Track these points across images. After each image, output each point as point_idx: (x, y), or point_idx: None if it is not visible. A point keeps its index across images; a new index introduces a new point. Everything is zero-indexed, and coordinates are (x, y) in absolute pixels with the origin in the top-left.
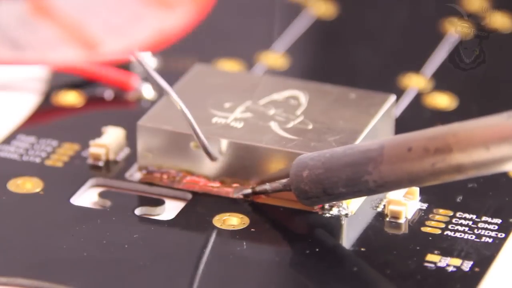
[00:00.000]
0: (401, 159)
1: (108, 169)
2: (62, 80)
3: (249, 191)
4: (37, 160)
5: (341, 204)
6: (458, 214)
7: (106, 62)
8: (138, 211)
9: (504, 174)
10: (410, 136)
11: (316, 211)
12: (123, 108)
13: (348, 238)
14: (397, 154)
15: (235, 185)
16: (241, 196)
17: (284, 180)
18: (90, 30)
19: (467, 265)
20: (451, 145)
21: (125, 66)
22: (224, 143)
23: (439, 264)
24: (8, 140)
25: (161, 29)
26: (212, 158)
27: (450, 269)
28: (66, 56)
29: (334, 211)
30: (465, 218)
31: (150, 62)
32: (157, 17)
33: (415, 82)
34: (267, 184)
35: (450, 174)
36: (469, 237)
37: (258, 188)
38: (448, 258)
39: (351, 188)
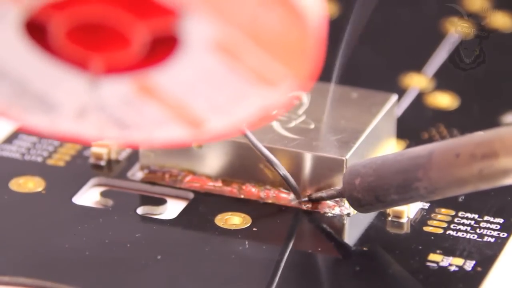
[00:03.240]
0: (449, 166)
1: (110, 168)
2: None
3: (305, 198)
4: (39, 159)
5: (343, 204)
6: (460, 214)
7: (211, 139)
8: (140, 211)
9: None
10: (458, 142)
11: (318, 211)
12: None
13: (350, 238)
14: (446, 161)
15: (234, 185)
16: (297, 205)
17: (338, 187)
18: (195, 109)
19: (469, 265)
20: (497, 150)
21: None
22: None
23: (441, 264)
24: (10, 139)
25: (264, 106)
26: (298, 196)
27: (452, 268)
28: (172, 134)
29: (336, 211)
30: (467, 218)
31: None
32: (260, 94)
33: (417, 81)
34: (323, 191)
35: (498, 179)
36: (471, 237)
37: (315, 195)
38: (450, 258)
39: (403, 195)
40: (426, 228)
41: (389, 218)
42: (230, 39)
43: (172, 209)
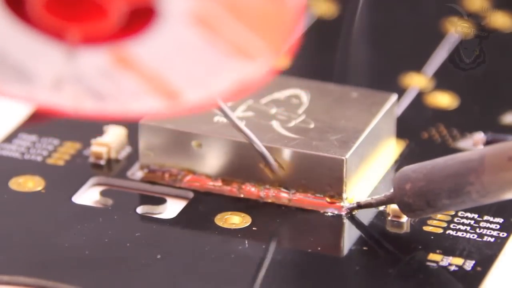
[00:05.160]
0: (502, 169)
1: (109, 167)
2: None
3: (354, 205)
4: (39, 158)
5: (342, 203)
6: (460, 213)
7: (187, 111)
8: (139, 210)
9: None
10: (510, 145)
11: (318, 210)
12: None
13: (350, 237)
14: (498, 164)
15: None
16: (346, 211)
17: (388, 193)
18: (172, 81)
19: (469, 265)
20: None
21: None
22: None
23: (441, 264)
24: (10, 138)
25: (241, 79)
26: (275, 172)
27: (452, 268)
28: (148, 106)
29: (336, 211)
30: (467, 218)
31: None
32: (237, 67)
33: (416, 81)
34: (372, 198)
35: None
36: (471, 237)
37: (363, 202)
38: (450, 258)
39: (454, 199)
40: (426, 228)
41: (389, 218)
42: (208, 11)
43: (171, 208)
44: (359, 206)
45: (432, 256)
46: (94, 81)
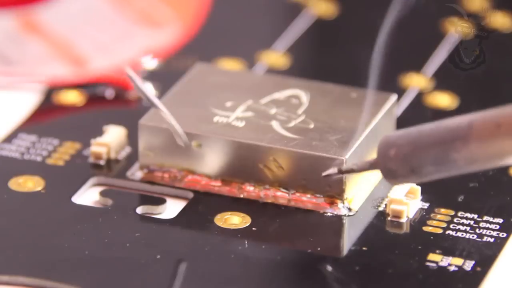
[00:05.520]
0: (490, 136)
1: (109, 168)
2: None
3: (334, 170)
4: (39, 158)
5: (342, 204)
6: (459, 214)
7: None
8: (139, 210)
9: (506, 174)
10: (499, 113)
11: (318, 211)
12: (124, 107)
13: (349, 238)
14: (487, 131)
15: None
16: (326, 175)
17: (371, 159)
18: (79, 47)
19: (468, 265)
20: None
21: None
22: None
23: (441, 264)
24: (10, 138)
25: (149, 47)
26: (185, 143)
27: (452, 268)
28: (55, 72)
29: (335, 211)
30: (466, 218)
31: (151, 64)
32: (145, 35)
33: (416, 81)
34: (355, 163)
35: None
36: (471, 237)
37: (345, 168)
38: (450, 258)
39: (440, 166)
40: (425, 228)
41: (389, 218)
42: None
43: (171, 208)
44: (340, 171)
45: (431, 256)
46: (1, 45)
